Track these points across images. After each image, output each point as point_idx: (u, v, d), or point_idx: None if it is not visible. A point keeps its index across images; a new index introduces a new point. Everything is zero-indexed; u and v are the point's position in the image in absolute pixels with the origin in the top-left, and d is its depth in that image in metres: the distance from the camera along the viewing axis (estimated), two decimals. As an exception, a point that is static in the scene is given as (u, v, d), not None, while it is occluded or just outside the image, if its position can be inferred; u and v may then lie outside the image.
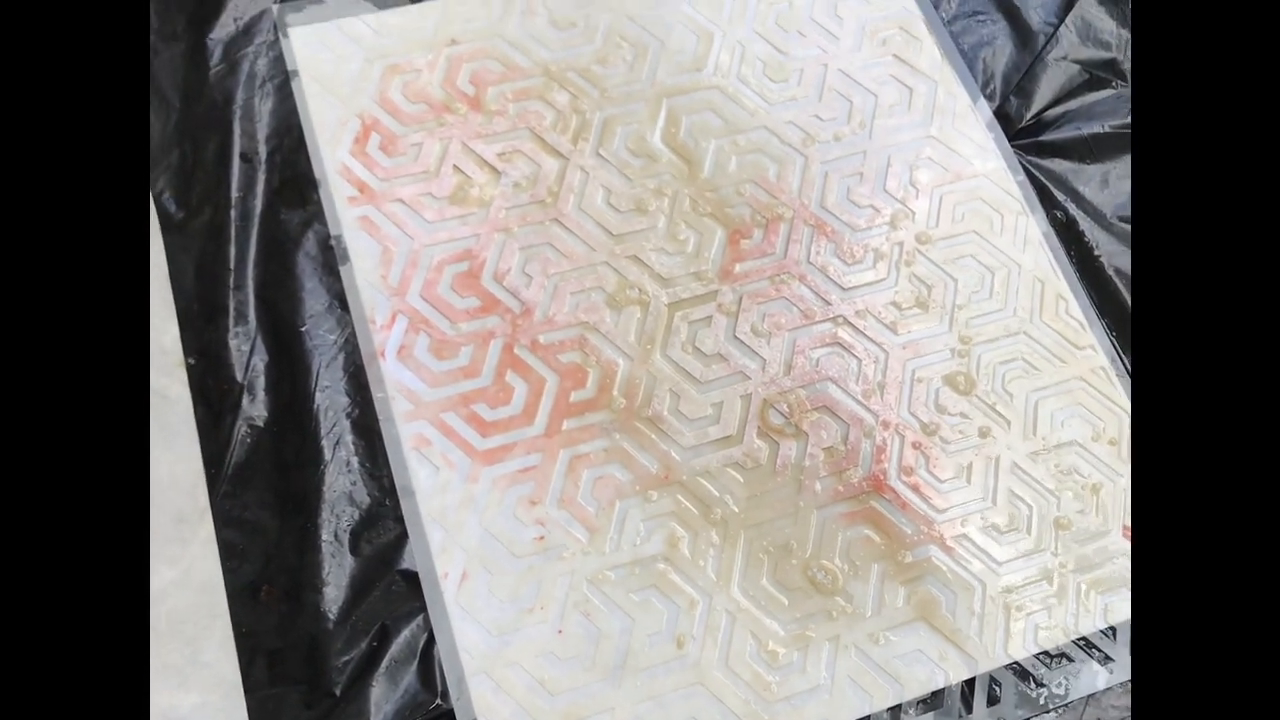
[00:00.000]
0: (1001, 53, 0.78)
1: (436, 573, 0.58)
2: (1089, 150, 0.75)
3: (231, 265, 0.64)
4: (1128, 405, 0.67)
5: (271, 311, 0.63)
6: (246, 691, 0.55)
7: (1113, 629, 0.61)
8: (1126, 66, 0.78)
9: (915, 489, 0.63)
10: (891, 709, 0.58)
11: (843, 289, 0.69)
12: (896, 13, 0.78)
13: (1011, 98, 0.76)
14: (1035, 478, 0.65)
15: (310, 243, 0.65)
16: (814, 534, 0.61)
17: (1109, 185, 0.74)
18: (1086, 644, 0.61)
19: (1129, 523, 0.64)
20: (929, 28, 0.78)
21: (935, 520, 0.63)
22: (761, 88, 0.74)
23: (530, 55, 0.73)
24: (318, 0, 0.73)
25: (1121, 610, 0.62)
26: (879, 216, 0.71)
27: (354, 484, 0.60)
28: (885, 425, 0.65)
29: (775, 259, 0.69)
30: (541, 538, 0.60)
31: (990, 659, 0.60)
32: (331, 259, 0.65)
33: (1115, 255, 0.71)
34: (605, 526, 0.61)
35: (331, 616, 0.57)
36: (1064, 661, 0.60)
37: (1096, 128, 0.75)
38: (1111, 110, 0.76)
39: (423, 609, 0.57)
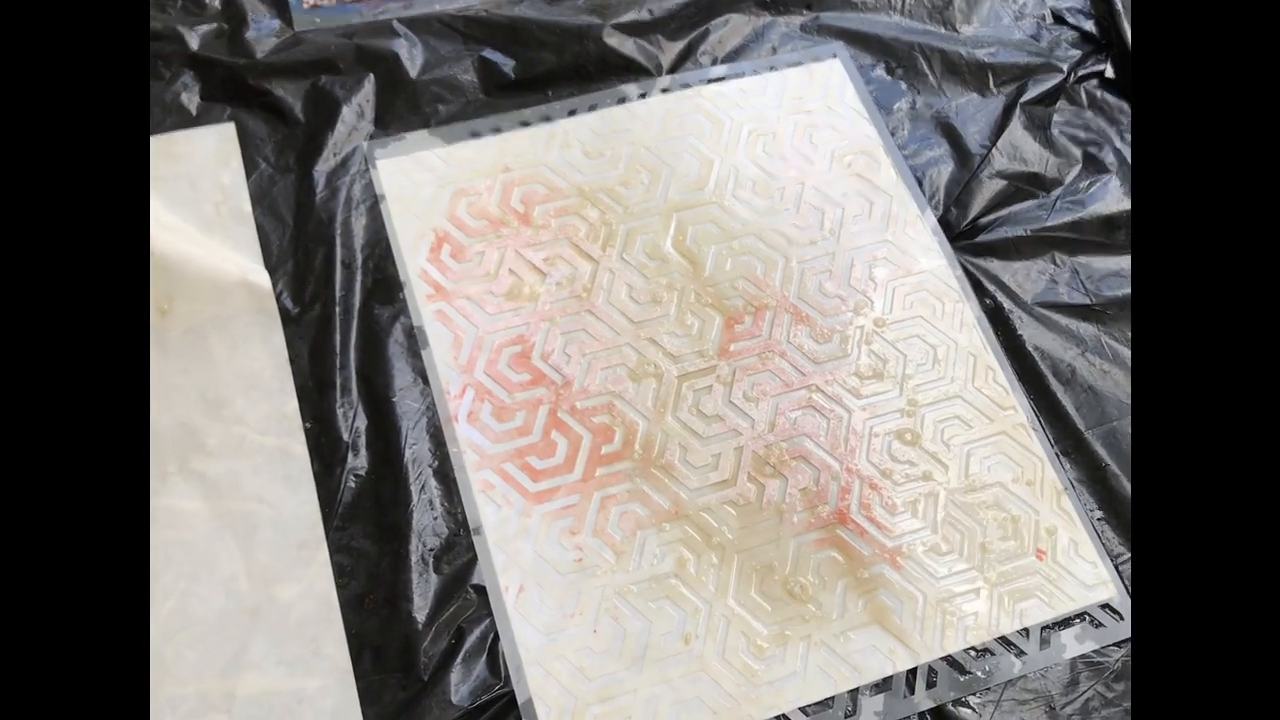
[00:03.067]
0: (944, 171, 0.91)
1: (500, 587, 0.72)
2: (1014, 249, 0.88)
3: (337, 350, 0.78)
4: (1043, 454, 0.80)
5: (369, 386, 0.78)
6: (357, 678, 0.68)
7: (1025, 629, 0.74)
8: (1048, 178, 0.92)
9: (871, 520, 0.77)
10: (851, 691, 0.71)
11: (815, 363, 0.82)
12: (860, 140, 0.92)
13: (952, 208, 0.89)
14: (967, 511, 0.78)
15: (398, 331, 0.80)
16: (791, 556, 0.74)
17: (1030, 278, 0.88)
18: (1005, 641, 0.73)
19: (1041, 547, 0.77)
20: (886, 152, 0.92)
21: (887, 545, 0.76)
22: (751, 203, 0.88)
23: (567, 179, 0.87)
24: (399, 138, 0.87)
25: (1033, 615, 0.74)
26: (844, 305, 0.85)
27: (435, 519, 0.73)
28: (848, 470, 0.78)
29: (762, 340, 0.83)
30: (580, 559, 0.73)
31: (930, 652, 0.72)
32: (415, 344, 0.79)
33: (1034, 335, 0.84)
34: (629, 551, 0.74)
35: (420, 620, 0.70)
36: (987, 655, 0.73)
37: (1020, 231, 0.88)
38: (1033, 217, 0.89)
39: (489, 615, 0.71)
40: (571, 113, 0.90)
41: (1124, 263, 0.88)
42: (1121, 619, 0.75)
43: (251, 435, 0.74)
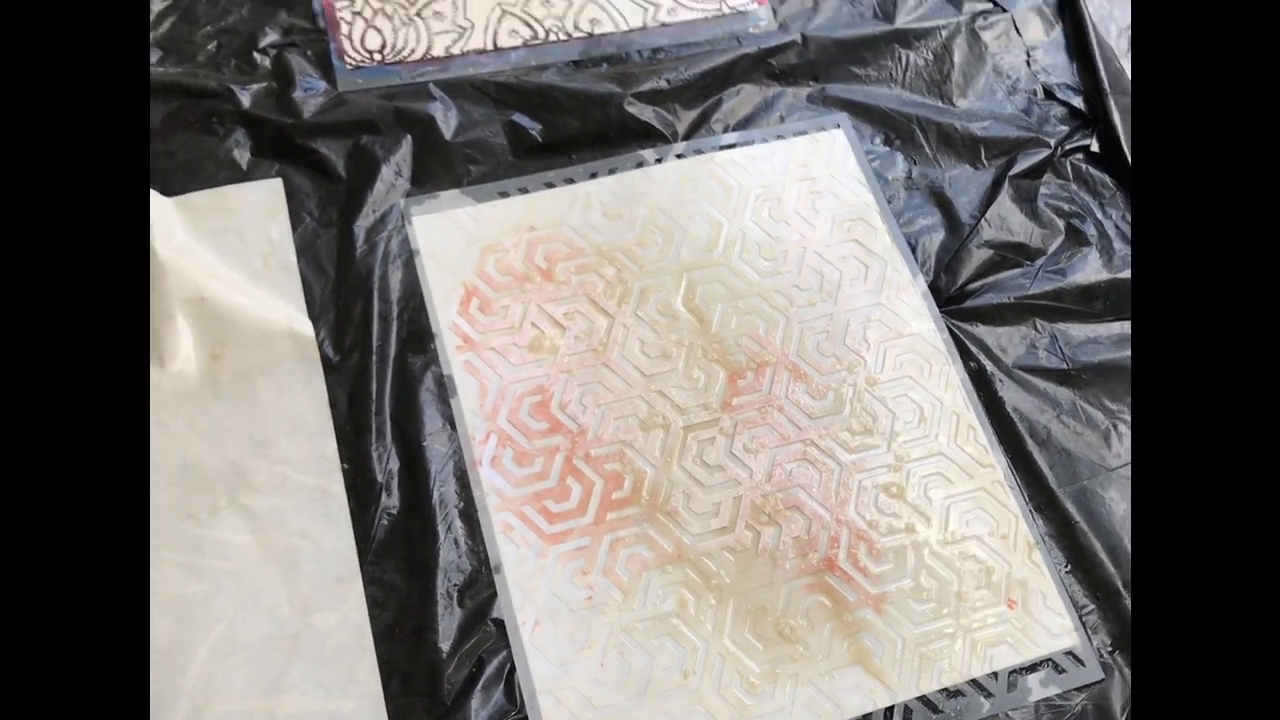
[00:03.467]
0: (936, 239, 0.97)
1: (517, 621, 0.78)
2: (998, 315, 0.94)
3: (373, 396, 0.85)
4: (1018, 510, 0.87)
5: (401, 431, 0.84)
6: (386, 700, 0.75)
7: (994, 673, 0.80)
8: (1032, 248, 0.99)
9: (858, 568, 0.83)
10: None
11: (811, 418, 0.89)
12: (859, 207, 0.98)
13: (942, 274, 0.96)
14: (945, 562, 0.84)
15: (429, 380, 0.86)
16: (783, 599, 0.81)
17: (1012, 343, 0.94)
18: (975, 683, 0.80)
19: (1012, 596, 0.84)
20: (883, 219, 0.98)
21: (871, 591, 0.82)
22: (756, 264, 0.95)
23: (587, 238, 0.94)
24: (433, 196, 0.94)
25: (1002, 659, 0.81)
26: (839, 364, 0.91)
27: (460, 556, 0.80)
28: (838, 521, 0.85)
29: (762, 395, 0.89)
30: (590, 598, 0.80)
31: (906, 692, 0.79)
32: (444, 392, 0.86)
33: (1014, 397, 0.91)
34: (635, 590, 0.80)
35: (444, 650, 0.76)
36: (959, 695, 0.80)
37: (1004, 298, 0.94)
38: (1016, 285, 0.95)
39: (507, 646, 0.77)
40: (593, 175, 0.97)
41: (1100, 330, 0.95)
42: (1083, 665, 0.81)
43: (294, 475, 0.81)
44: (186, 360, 0.83)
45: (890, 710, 0.78)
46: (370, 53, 0.99)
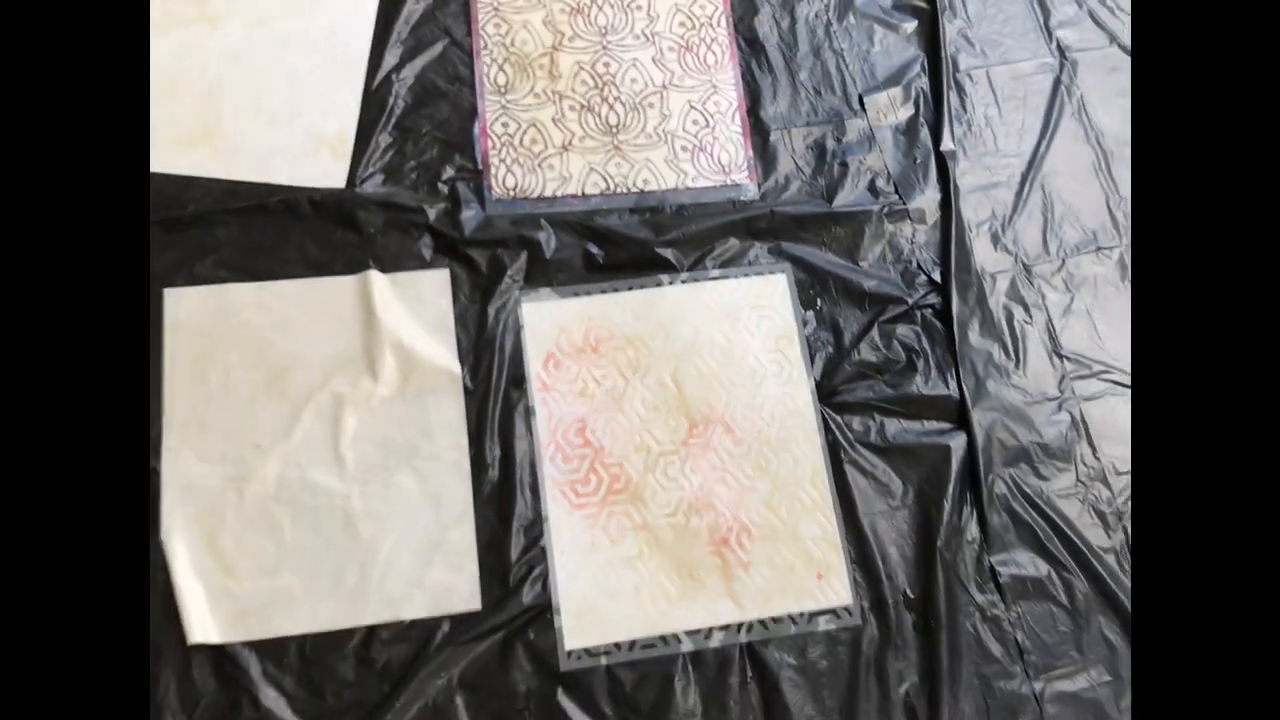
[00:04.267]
0: (825, 355, 1.61)
1: (554, 549, 1.44)
2: (851, 409, 1.57)
3: (489, 414, 1.48)
4: (835, 525, 1.53)
5: (503, 435, 1.48)
6: (480, 580, 1.42)
7: (802, 613, 1.47)
8: (881, 367, 1.62)
9: (740, 546, 1.48)
10: (706, 628, 1.46)
11: (731, 457, 1.53)
12: (784, 327, 1.59)
13: (825, 379, 1.59)
14: (789, 550, 1.50)
15: (521, 407, 1.50)
16: (695, 557, 1.47)
17: (855, 426, 1.58)
18: (790, 617, 1.47)
19: (820, 572, 1.50)
20: (798, 337, 1.60)
21: (744, 559, 1.48)
22: (716, 358, 1.57)
23: (621, 330, 1.56)
24: (535, 291, 1.57)
25: (807, 605, 1.48)
26: (752, 427, 1.55)
27: (526, 510, 1.43)
28: (734, 518, 1.50)
29: (704, 440, 1.53)
30: (593, 542, 1.46)
31: (753, 615, 1.46)
32: (528, 416, 1.49)
33: (850, 458, 1.56)
34: (619, 541, 1.45)
35: (512, 559, 1.42)
36: (780, 622, 1.47)
37: (857, 399, 1.58)
38: (866, 391, 1.59)
39: (545, 562, 1.43)
40: (629, 288, 1.59)
41: (911, 425, 1.57)
42: (851, 616, 1.48)
43: (442, 454, 1.47)
44: (389, 381, 1.48)
45: (741, 625, 1.45)
46: (508, 189, 1.61)
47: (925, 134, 1.71)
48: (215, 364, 1.44)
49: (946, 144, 1.70)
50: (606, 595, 1.43)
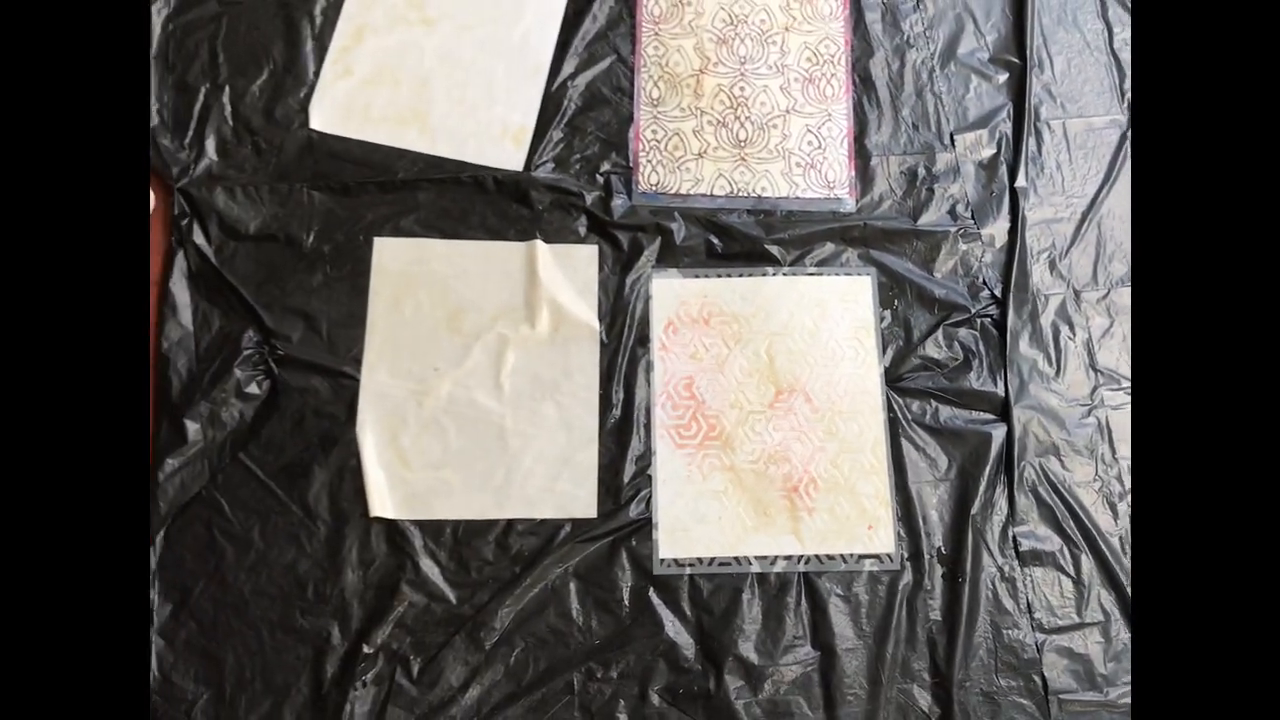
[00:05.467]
0: (896, 346, 1.89)
1: (658, 477, 1.75)
2: (912, 394, 1.85)
3: (618, 365, 1.79)
4: (888, 487, 1.82)
5: (627, 383, 1.79)
6: (598, 494, 1.74)
7: (852, 554, 1.77)
8: (942, 362, 1.89)
9: (807, 494, 1.79)
10: (774, 555, 1.76)
11: (807, 421, 1.83)
12: (864, 320, 1.89)
13: (893, 366, 1.88)
14: (847, 501, 1.80)
15: (643, 362, 1.80)
16: (770, 497, 1.78)
17: (913, 409, 1.86)
18: (842, 556, 1.76)
19: (870, 524, 1.79)
20: (874, 330, 1.89)
21: (810, 505, 1.79)
22: (804, 339, 1.88)
23: (729, 308, 1.84)
24: (665, 270, 1.87)
25: (856, 549, 1.77)
26: (827, 399, 1.85)
27: (640, 444, 1.73)
28: (805, 471, 1.80)
29: (787, 404, 1.83)
30: (689, 476, 1.77)
31: (812, 549, 1.76)
32: (648, 369, 1.81)
33: (909, 434, 1.84)
34: (709, 475, 1.76)
35: (624, 481, 1.72)
36: (833, 559, 1.76)
37: (918, 386, 1.86)
38: (926, 381, 1.87)
39: (650, 485, 1.75)
40: (740, 275, 1.89)
41: (960, 413, 1.85)
42: (893, 562, 1.76)
43: (579, 392, 1.78)
44: (543, 328, 1.79)
45: (801, 557, 1.75)
46: (651, 185, 1.91)
47: (1003, 171, 1.97)
48: (408, 301, 1.77)
49: (1020, 181, 1.95)
50: (695, 519, 1.74)
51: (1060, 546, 1.75)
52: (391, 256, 1.78)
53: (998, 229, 1.94)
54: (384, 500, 1.65)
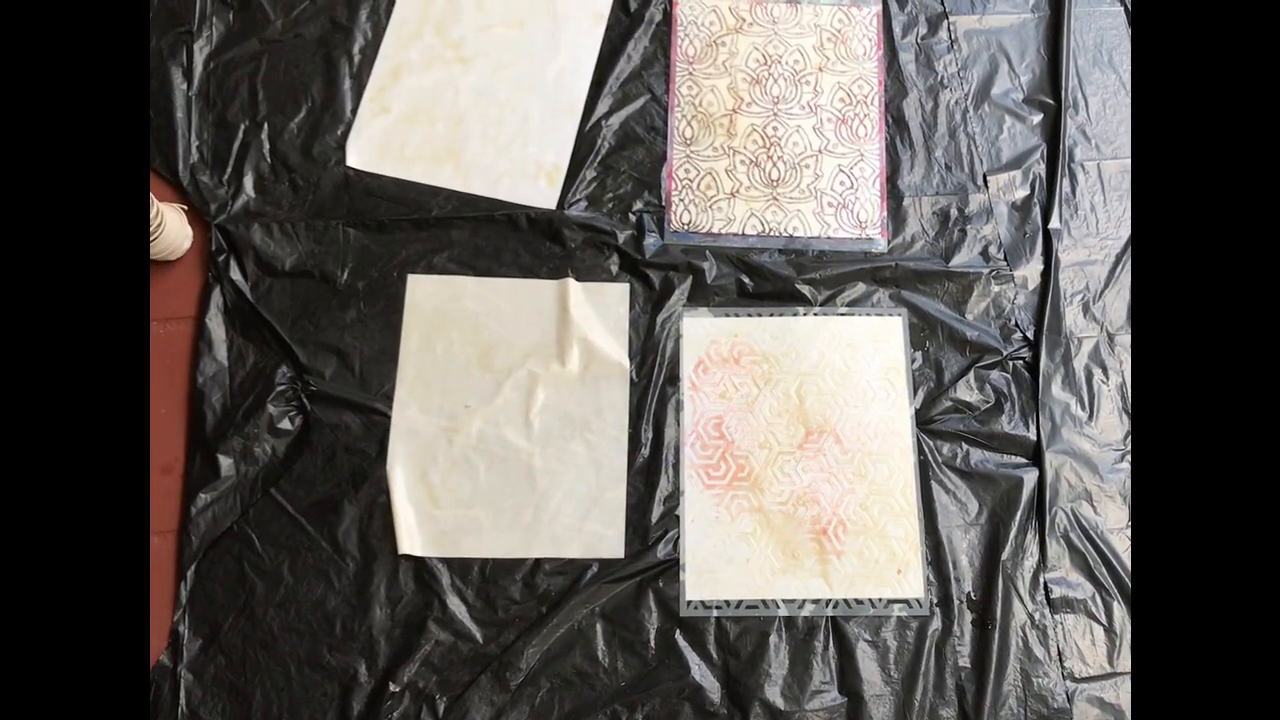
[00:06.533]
0: (927, 389, 1.85)
1: (686, 518, 1.73)
2: (942, 436, 1.81)
3: (648, 403, 1.76)
4: (918, 529, 1.77)
5: (655, 421, 1.77)
6: (626, 533, 1.71)
7: (880, 598, 1.72)
8: (973, 405, 1.85)
9: (836, 536, 1.74)
10: (801, 599, 1.72)
11: (836, 463, 1.80)
12: (896, 361, 1.85)
13: (923, 408, 1.83)
14: (877, 545, 1.76)
15: (673, 401, 1.78)
16: (799, 539, 1.74)
17: (943, 451, 1.82)
18: (870, 600, 1.72)
19: (899, 568, 1.75)
20: (905, 371, 1.85)
21: (839, 548, 1.74)
22: (833, 380, 1.84)
23: (760, 348, 1.82)
24: (695, 309, 1.84)
25: (885, 593, 1.73)
26: (857, 441, 1.81)
27: (668, 483, 1.71)
28: (834, 512, 1.76)
29: (816, 445, 1.79)
30: (717, 516, 1.73)
31: (840, 594, 1.72)
32: (679, 408, 1.78)
33: (938, 477, 1.80)
34: (737, 518, 1.73)
35: (651, 522, 1.70)
36: (862, 603, 1.72)
37: (949, 429, 1.82)
38: (957, 424, 1.83)
39: (678, 526, 1.71)
40: (770, 314, 1.86)
41: (990, 456, 1.80)
42: (921, 607, 1.72)
43: (608, 429, 1.75)
44: (573, 366, 1.77)
45: (829, 601, 1.71)
46: (683, 224, 1.88)
47: (1037, 212, 1.92)
48: (440, 337, 1.75)
49: (1054, 223, 1.91)
50: (723, 561, 1.70)
51: (1092, 594, 1.70)
52: (424, 293, 1.76)
53: (1030, 271, 1.90)
54: (413, 538, 1.63)
